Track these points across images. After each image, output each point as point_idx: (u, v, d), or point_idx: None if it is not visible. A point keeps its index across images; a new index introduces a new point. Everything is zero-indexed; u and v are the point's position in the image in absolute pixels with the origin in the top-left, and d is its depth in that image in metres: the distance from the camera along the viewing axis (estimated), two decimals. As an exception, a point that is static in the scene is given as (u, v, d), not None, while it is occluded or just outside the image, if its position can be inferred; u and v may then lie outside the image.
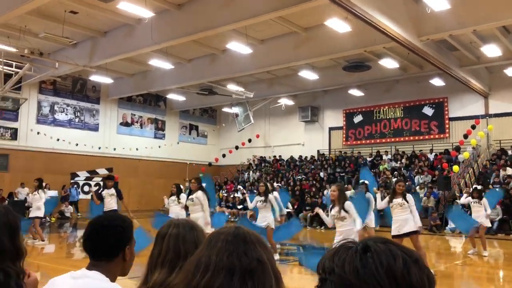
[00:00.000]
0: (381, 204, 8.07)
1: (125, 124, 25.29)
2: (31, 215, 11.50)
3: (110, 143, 24.15)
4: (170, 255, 1.53)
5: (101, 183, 22.20)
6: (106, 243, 1.69)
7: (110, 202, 10.41)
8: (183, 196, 9.65)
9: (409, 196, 7.65)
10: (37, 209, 11.22)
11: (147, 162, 25.27)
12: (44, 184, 12.06)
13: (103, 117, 24.24)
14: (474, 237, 10.08)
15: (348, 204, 6.47)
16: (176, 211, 9.69)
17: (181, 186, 10.62)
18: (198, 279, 1.04)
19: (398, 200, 7.58)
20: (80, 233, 15.26)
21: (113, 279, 1.66)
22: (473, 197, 10.34)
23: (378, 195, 8.85)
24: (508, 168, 17.70)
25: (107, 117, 24.39)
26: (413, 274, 0.85)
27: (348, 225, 6.39)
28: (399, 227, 7.49)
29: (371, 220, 9.25)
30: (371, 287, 0.83)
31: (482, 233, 10.00)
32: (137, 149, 25.12)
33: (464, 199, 10.90)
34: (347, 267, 0.86)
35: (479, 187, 11.49)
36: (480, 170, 19.15)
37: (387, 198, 7.87)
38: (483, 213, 10.02)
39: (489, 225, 10.60)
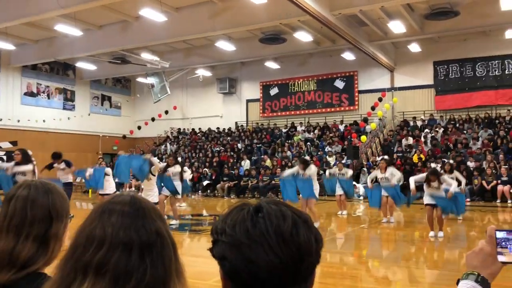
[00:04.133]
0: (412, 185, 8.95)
1: (30, 94, 23.54)
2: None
3: (13, 115, 22.39)
4: (16, 220, 1.32)
5: (5, 157, 20.66)
6: None
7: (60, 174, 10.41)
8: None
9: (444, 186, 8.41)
10: None
11: (55, 134, 23.81)
12: None
13: (5, 86, 22.33)
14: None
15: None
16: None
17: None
18: (90, 254, 0.94)
19: (434, 184, 8.36)
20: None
21: None
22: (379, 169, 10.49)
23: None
24: (409, 138, 19.12)
25: (9, 87, 22.50)
26: (301, 234, 0.88)
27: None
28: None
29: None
30: (260, 246, 0.85)
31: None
32: (44, 121, 23.55)
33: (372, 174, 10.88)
34: (238, 227, 0.88)
35: (386, 157, 12.14)
36: (385, 139, 20.50)
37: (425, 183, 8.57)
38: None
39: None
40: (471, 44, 19.68)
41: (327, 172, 13.14)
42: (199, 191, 19.47)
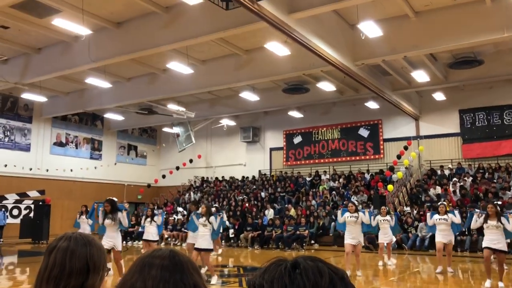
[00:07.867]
0: (476, 224, 8.62)
1: (59, 144, 24.25)
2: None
3: (42, 164, 23.00)
4: (56, 271, 1.35)
5: (32, 206, 21.03)
6: None
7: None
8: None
9: (504, 219, 8.12)
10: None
11: (82, 183, 24.27)
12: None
13: (36, 136, 23.11)
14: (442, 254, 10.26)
15: (212, 218, 9.06)
16: (151, 231, 11.10)
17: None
18: None
19: (493, 223, 8.05)
20: (5, 260, 14.27)
21: None
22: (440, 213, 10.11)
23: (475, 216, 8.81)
24: (437, 187, 18.69)
25: (39, 137, 23.27)
26: None
27: (207, 232, 8.96)
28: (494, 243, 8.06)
29: None
30: None
31: (450, 249, 10.18)
32: (71, 170, 24.09)
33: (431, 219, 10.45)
34: (276, 283, 0.87)
35: (445, 202, 11.86)
36: (413, 189, 20.07)
37: (481, 219, 8.30)
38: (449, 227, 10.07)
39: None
40: (497, 91, 19.53)
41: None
42: (223, 241, 19.22)
